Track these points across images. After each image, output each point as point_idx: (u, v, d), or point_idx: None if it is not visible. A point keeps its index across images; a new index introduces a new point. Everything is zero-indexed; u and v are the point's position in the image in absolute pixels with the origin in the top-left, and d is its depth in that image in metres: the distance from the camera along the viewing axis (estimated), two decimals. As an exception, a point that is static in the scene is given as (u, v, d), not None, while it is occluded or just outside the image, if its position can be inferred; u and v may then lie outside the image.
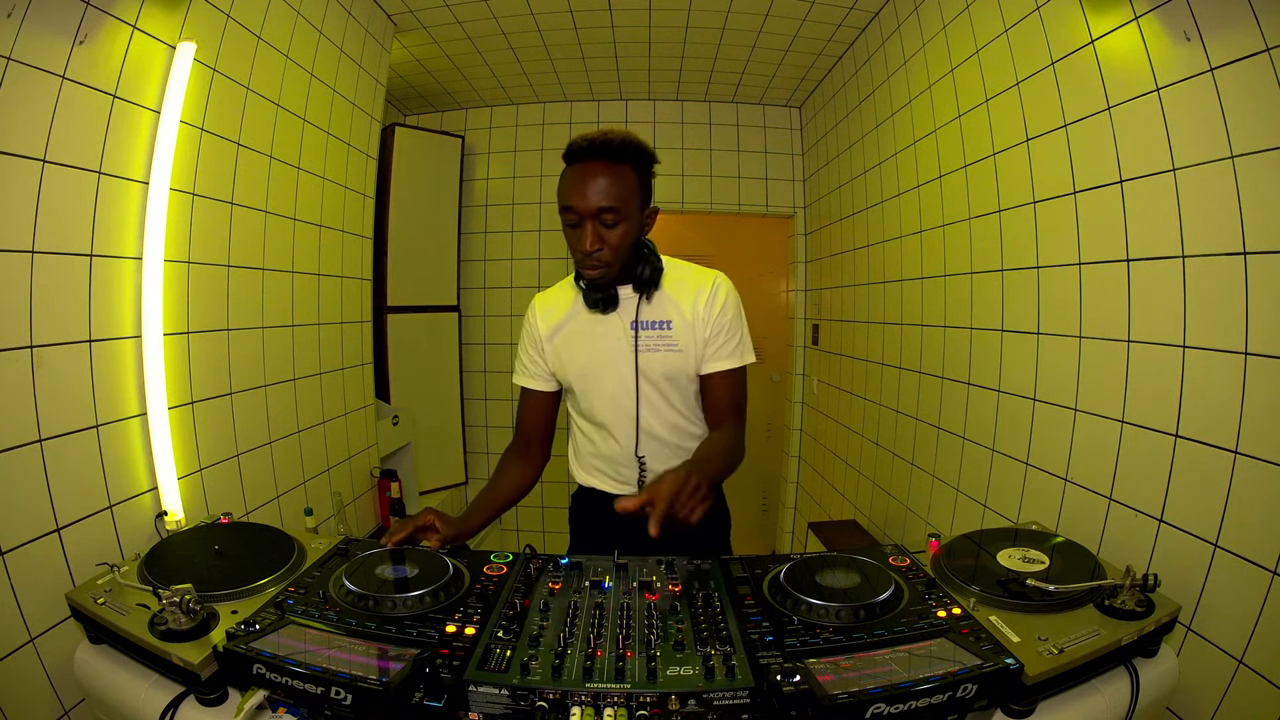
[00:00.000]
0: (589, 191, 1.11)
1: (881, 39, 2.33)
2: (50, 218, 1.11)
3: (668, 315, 1.25)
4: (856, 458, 2.66)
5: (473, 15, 2.42)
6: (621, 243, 1.15)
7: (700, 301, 1.24)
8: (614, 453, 1.32)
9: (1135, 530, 1.21)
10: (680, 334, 1.24)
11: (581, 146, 1.14)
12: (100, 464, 1.22)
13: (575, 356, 1.30)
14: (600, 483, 1.36)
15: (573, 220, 1.14)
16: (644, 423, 1.28)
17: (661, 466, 1.28)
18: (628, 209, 1.14)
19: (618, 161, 1.13)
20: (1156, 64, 1.16)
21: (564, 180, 1.15)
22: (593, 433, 1.35)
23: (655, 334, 1.25)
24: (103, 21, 1.18)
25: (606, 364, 1.27)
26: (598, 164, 1.12)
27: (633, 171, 1.15)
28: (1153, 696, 0.89)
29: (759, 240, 3.56)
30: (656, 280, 1.24)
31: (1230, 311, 1.04)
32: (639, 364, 1.25)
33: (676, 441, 1.30)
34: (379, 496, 2.41)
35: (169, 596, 0.86)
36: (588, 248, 1.13)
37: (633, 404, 1.27)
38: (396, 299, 2.87)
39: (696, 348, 1.24)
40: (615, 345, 1.26)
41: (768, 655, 0.82)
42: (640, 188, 1.17)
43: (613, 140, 1.13)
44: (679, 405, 1.29)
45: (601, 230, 1.13)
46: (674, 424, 1.29)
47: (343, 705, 0.76)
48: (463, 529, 1.22)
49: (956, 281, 1.88)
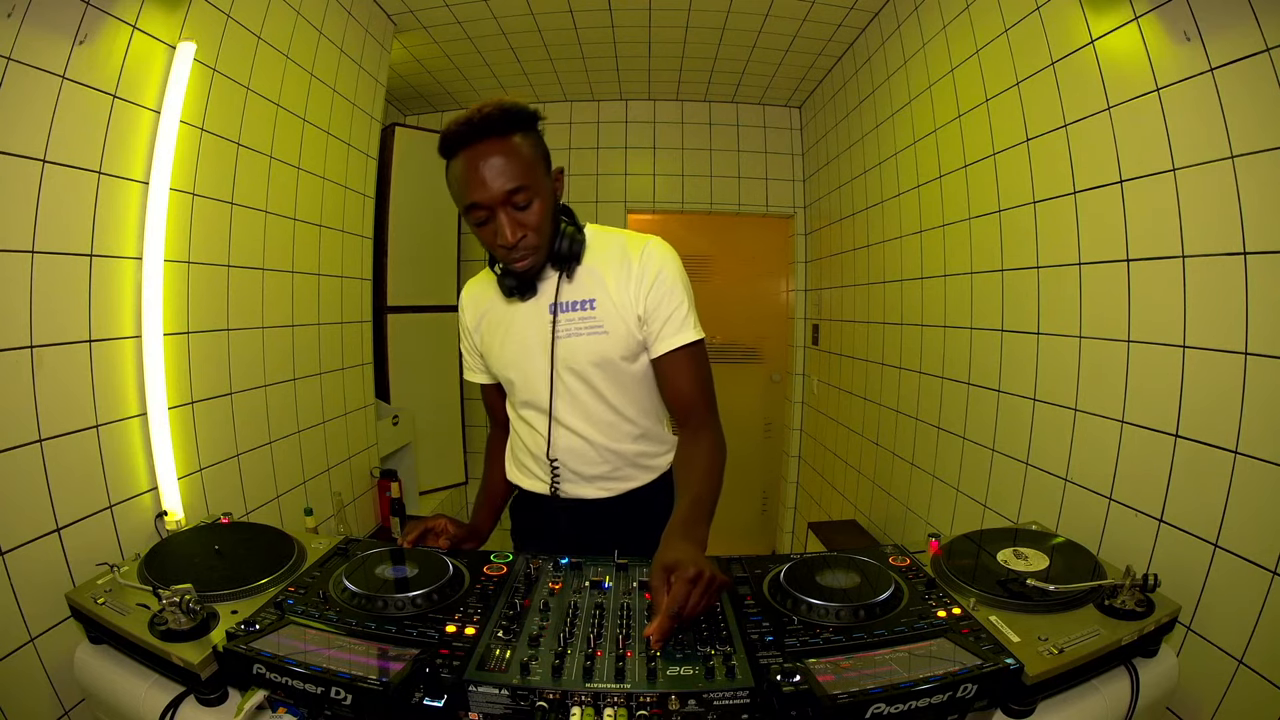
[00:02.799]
0: (488, 178, 0.98)
1: (881, 39, 2.33)
2: (50, 218, 1.11)
3: (590, 293, 1.11)
4: (856, 458, 2.66)
5: (473, 15, 2.42)
6: (541, 222, 1.03)
7: (629, 273, 1.09)
8: (536, 450, 1.19)
9: (1135, 530, 1.21)
10: (604, 313, 1.10)
11: (459, 131, 0.99)
12: (100, 464, 1.22)
13: (497, 348, 1.18)
14: (525, 480, 1.24)
15: (481, 217, 1.01)
16: (561, 419, 1.14)
17: (583, 469, 1.17)
18: (536, 182, 1.01)
19: (504, 135, 0.99)
20: (1156, 64, 1.16)
21: (454, 175, 1.02)
22: (520, 427, 1.23)
23: (576, 315, 1.10)
24: (103, 21, 1.18)
25: (526, 354, 1.14)
26: (484, 144, 0.98)
27: (525, 139, 1.01)
28: (1153, 696, 0.89)
29: (759, 240, 3.55)
30: (578, 254, 1.10)
31: (1230, 311, 1.04)
32: (555, 352, 1.11)
33: (608, 442, 1.15)
34: (379, 496, 2.41)
35: (169, 596, 0.86)
36: (510, 239, 1.01)
37: (547, 398, 1.14)
38: (396, 299, 2.87)
39: (627, 327, 1.10)
40: (535, 332, 1.13)
41: (768, 655, 0.82)
42: (539, 153, 1.04)
43: (490, 114, 0.98)
44: (611, 397, 1.13)
45: (517, 215, 1.01)
46: (604, 420, 1.15)
47: (343, 705, 0.75)
48: (473, 533, 1.20)
49: (956, 281, 1.88)
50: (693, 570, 0.81)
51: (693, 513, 0.98)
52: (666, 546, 0.89)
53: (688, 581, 0.81)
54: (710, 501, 1.02)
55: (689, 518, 0.96)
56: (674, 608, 0.79)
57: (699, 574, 0.81)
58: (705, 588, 0.82)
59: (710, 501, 1.02)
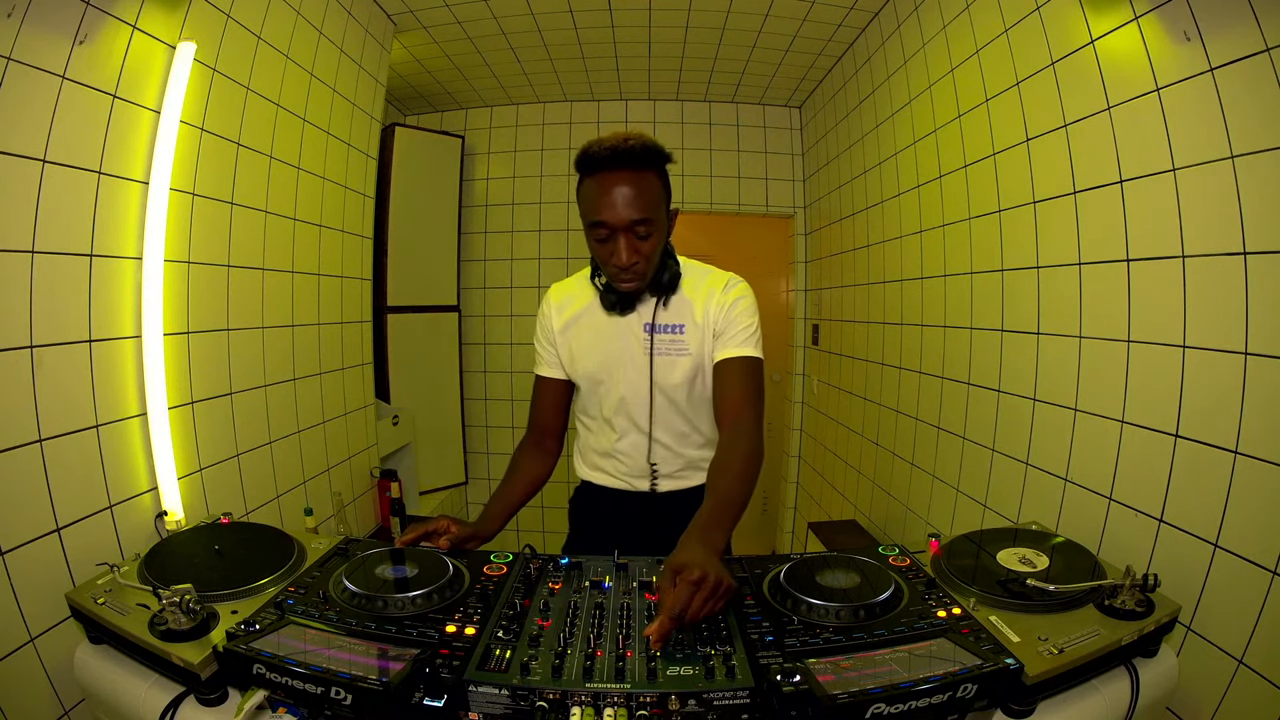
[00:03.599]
0: (619, 205, 1.08)
1: (881, 39, 2.33)
2: (50, 218, 1.11)
3: (681, 319, 1.24)
4: (856, 458, 2.66)
5: (473, 15, 2.42)
6: (654, 252, 1.14)
7: (713, 302, 1.22)
8: (620, 452, 1.31)
9: (1135, 530, 1.21)
10: (691, 337, 1.23)
11: (602, 156, 1.09)
12: (100, 464, 1.22)
13: (587, 354, 1.28)
14: (604, 479, 1.35)
15: (603, 235, 1.11)
16: (654, 429, 1.27)
17: (667, 469, 1.29)
18: (659, 218, 1.12)
19: (642, 169, 1.10)
20: (1156, 64, 1.16)
21: (588, 192, 1.12)
22: (599, 429, 1.34)
23: (669, 338, 1.23)
24: (103, 21, 1.18)
25: (618, 365, 1.25)
26: (623, 173, 1.08)
27: (656, 178, 1.13)
28: (1153, 696, 0.89)
29: (759, 240, 3.56)
30: (675, 284, 1.23)
31: (1230, 311, 1.04)
32: (654, 367, 1.23)
33: (679, 449, 1.29)
34: (379, 496, 2.41)
35: (169, 596, 0.86)
36: (625, 261, 1.11)
37: (644, 408, 1.26)
38: (396, 299, 2.87)
39: (706, 348, 1.23)
40: (628, 347, 1.25)
41: (768, 655, 0.82)
42: (665, 192, 1.15)
43: (634, 147, 1.08)
44: (687, 411, 1.27)
45: (636, 243, 1.11)
46: (680, 432, 1.28)
47: (343, 705, 0.76)
48: (477, 532, 1.20)
49: (956, 281, 1.88)
50: (698, 573, 0.81)
51: (714, 517, 0.98)
52: (680, 548, 0.89)
53: (691, 584, 0.81)
54: (736, 506, 1.03)
55: (709, 522, 0.97)
56: (676, 609, 0.79)
57: (704, 577, 0.81)
58: (710, 592, 0.82)
59: (736, 506, 1.03)
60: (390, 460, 2.63)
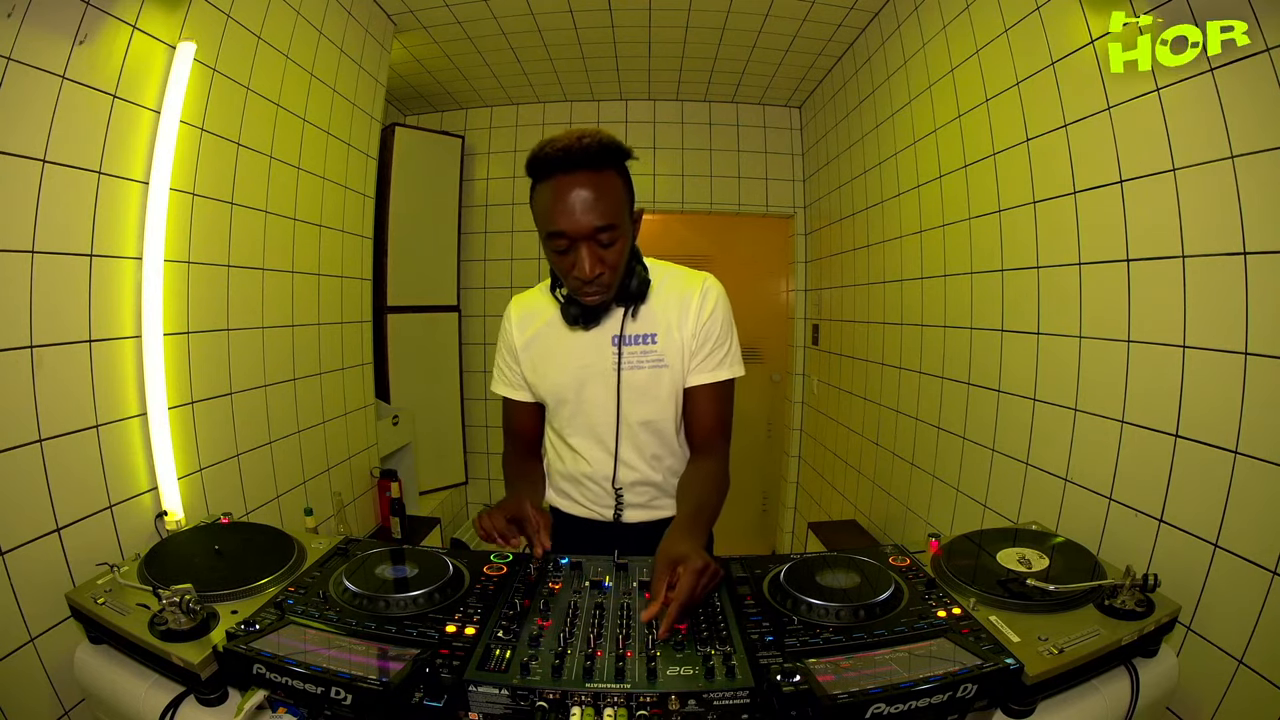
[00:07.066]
0: (578, 211, 0.96)
1: (881, 39, 2.33)
2: (50, 218, 1.11)
3: (652, 328, 1.13)
4: (856, 458, 2.66)
5: (473, 15, 2.42)
6: (620, 260, 1.03)
7: (688, 308, 1.13)
8: (585, 476, 1.21)
9: (1135, 530, 1.21)
10: (665, 346, 1.13)
11: (555, 157, 0.97)
12: (100, 464, 1.22)
13: (550, 372, 1.18)
14: (570, 506, 1.26)
15: (562, 245, 1.00)
16: (622, 451, 1.17)
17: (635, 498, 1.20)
18: (623, 222, 1.01)
19: (600, 169, 0.98)
20: (1156, 64, 1.15)
21: (542, 199, 1.00)
22: (564, 451, 1.23)
23: (640, 349, 1.13)
24: (103, 21, 1.18)
25: (584, 383, 1.16)
26: (579, 175, 0.97)
27: (617, 177, 1.01)
28: (1153, 696, 0.89)
29: (759, 240, 3.55)
30: (644, 293, 1.13)
31: (1230, 311, 1.04)
32: (621, 383, 1.13)
33: (648, 473, 1.19)
34: (379, 496, 2.41)
35: (169, 596, 0.86)
36: (588, 274, 1.00)
37: (610, 427, 1.16)
38: (396, 299, 2.87)
39: (684, 360, 1.14)
40: (594, 362, 1.14)
41: (768, 655, 0.82)
42: (627, 193, 1.04)
43: (590, 145, 0.97)
44: (660, 429, 1.17)
45: (599, 252, 1.01)
46: (652, 453, 1.18)
47: (343, 705, 0.75)
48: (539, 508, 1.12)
49: (956, 281, 1.88)
50: (699, 563, 0.86)
51: (694, 518, 1.01)
52: (671, 542, 0.93)
53: (696, 573, 0.85)
54: (710, 514, 1.05)
55: (690, 524, 0.99)
56: (685, 598, 0.83)
57: (705, 566, 0.86)
58: (710, 579, 0.87)
59: (710, 514, 1.05)
60: (390, 460, 2.63)
